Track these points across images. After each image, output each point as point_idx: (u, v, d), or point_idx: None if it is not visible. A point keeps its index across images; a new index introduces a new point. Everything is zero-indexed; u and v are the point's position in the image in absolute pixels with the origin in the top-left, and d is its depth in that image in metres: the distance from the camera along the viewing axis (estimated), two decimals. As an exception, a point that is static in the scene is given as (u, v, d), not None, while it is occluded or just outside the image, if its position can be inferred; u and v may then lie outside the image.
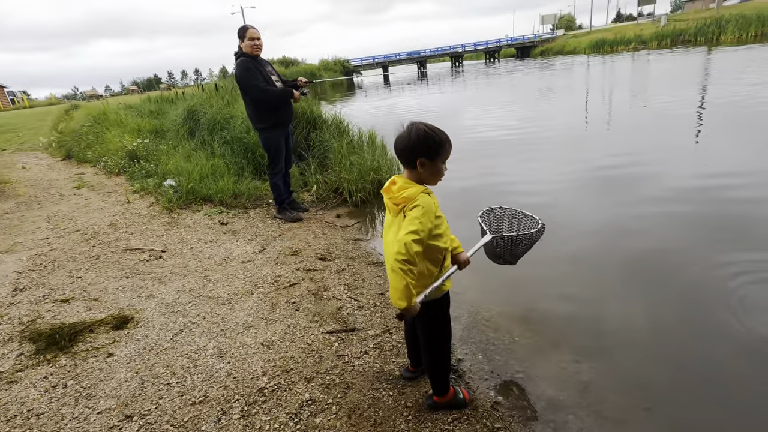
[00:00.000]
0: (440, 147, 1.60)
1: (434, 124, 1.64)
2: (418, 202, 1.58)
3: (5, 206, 5.34)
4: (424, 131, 1.60)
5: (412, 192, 1.61)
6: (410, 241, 1.53)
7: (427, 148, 1.59)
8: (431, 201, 1.60)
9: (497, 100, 13.96)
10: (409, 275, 1.54)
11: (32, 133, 15.59)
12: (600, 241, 3.65)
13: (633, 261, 3.29)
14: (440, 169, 1.63)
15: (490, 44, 52.17)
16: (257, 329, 2.63)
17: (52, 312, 2.85)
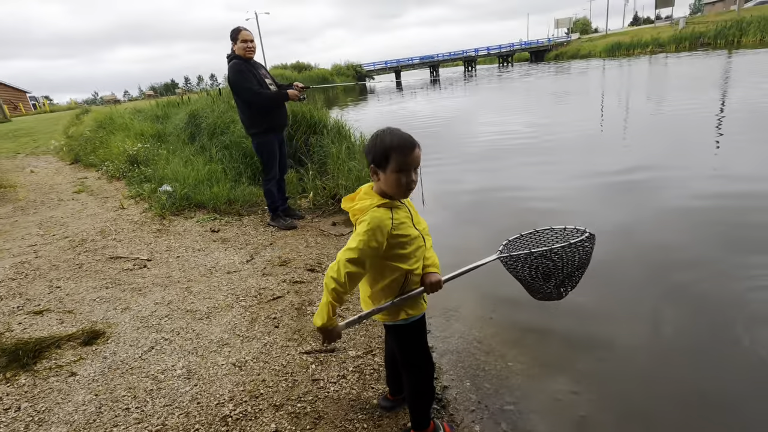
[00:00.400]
0: (385, 153, 1.38)
1: (403, 129, 1.45)
2: (366, 217, 1.40)
3: (2, 211, 5.32)
4: (373, 136, 1.43)
5: (365, 204, 1.43)
6: (344, 260, 1.38)
7: (373, 154, 1.41)
8: (384, 216, 1.40)
9: (510, 105, 13.71)
10: (332, 294, 1.39)
11: (47, 137, 15.85)
12: (612, 252, 3.41)
13: (647, 275, 3.05)
14: (395, 179, 1.39)
15: (503, 48, 51.78)
16: (232, 348, 2.46)
17: (23, 325, 2.73)
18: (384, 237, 1.39)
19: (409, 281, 1.52)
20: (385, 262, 1.46)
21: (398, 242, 1.44)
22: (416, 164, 1.42)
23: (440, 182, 5.87)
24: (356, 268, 1.37)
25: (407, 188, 1.42)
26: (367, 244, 1.37)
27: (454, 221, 4.55)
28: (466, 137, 8.82)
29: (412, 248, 1.50)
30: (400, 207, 1.48)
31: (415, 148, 1.41)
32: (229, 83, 3.96)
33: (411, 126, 10.93)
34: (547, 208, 4.43)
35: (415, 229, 1.53)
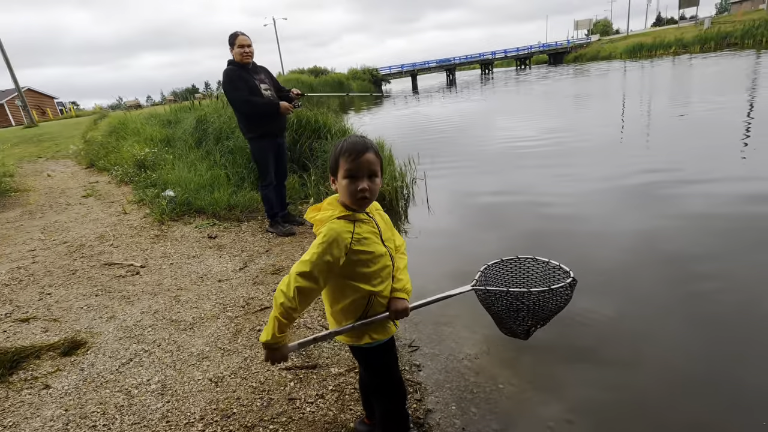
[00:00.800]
0: (336, 159, 1.31)
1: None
2: (324, 228, 1.29)
3: (10, 215, 5.39)
4: (334, 147, 1.35)
5: (324, 216, 1.32)
6: (295, 274, 1.26)
7: (330, 164, 1.35)
8: (343, 229, 1.28)
9: (527, 108, 13.39)
10: (280, 310, 1.26)
11: (68, 141, 16.26)
12: (629, 263, 3.23)
13: (666, 289, 2.85)
14: (345, 186, 1.29)
15: (521, 51, 51.17)
16: (211, 361, 2.37)
17: (7, 333, 2.70)
18: (341, 252, 1.27)
19: (373, 304, 1.39)
20: (345, 281, 1.34)
21: (359, 259, 1.32)
22: (368, 170, 1.30)
23: (453, 187, 5.73)
24: (307, 283, 1.25)
25: (358, 197, 1.29)
26: (321, 257, 1.25)
27: (464, 227, 4.43)
28: (481, 141, 8.61)
29: (377, 267, 1.37)
30: (364, 220, 1.36)
31: (366, 152, 1.29)
32: (223, 90, 3.94)
33: (424, 130, 10.76)
34: (565, 214, 4.26)
35: (383, 245, 1.41)
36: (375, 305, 1.40)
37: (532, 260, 1.53)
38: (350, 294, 1.36)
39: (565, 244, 3.65)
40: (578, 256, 3.36)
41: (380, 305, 1.41)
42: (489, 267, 1.58)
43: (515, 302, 1.40)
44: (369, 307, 1.39)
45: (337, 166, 1.30)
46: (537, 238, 3.82)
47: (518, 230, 4.10)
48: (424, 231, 4.33)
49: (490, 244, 3.84)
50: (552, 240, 3.75)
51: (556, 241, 3.72)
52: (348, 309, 1.39)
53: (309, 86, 26.11)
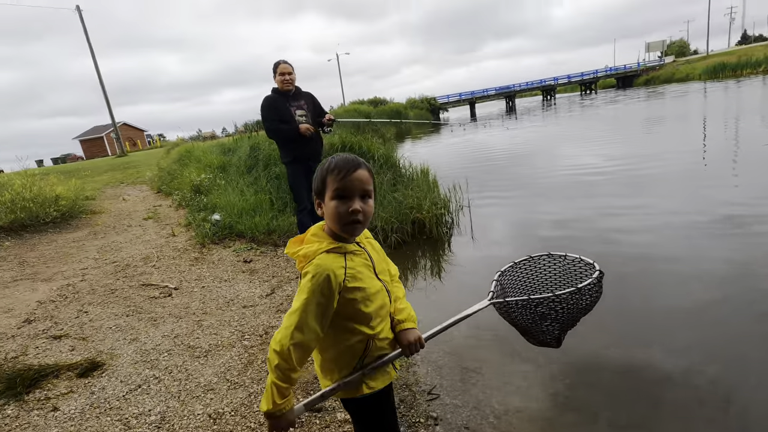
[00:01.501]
0: (323, 178, 1.12)
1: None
2: (310, 267, 1.08)
3: (78, 235, 5.84)
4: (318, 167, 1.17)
5: (310, 250, 1.12)
6: (287, 329, 1.07)
7: (316, 186, 1.16)
8: (334, 265, 1.09)
9: (593, 134, 12.33)
10: (276, 373, 1.08)
11: (148, 168, 17.94)
12: (714, 306, 2.70)
13: (762, 336, 2.31)
14: (333, 207, 1.10)
15: (585, 76, 49.20)
16: (216, 394, 2.24)
17: (39, 349, 2.78)
18: (334, 291, 1.07)
19: (371, 349, 1.18)
20: (338, 324, 1.13)
21: (354, 298, 1.12)
22: (360, 189, 1.11)
23: (504, 217, 5.29)
24: (303, 336, 1.06)
25: (349, 220, 1.10)
26: (313, 302, 1.06)
27: (511, 259, 4.00)
28: (540, 169, 7.94)
29: (374, 305, 1.16)
30: (356, 252, 1.16)
31: (358, 168, 1.11)
32: None
33: (477, 158, 10.34)
34: (638, 249, 3.66)
35: (378, 280, 1.20)
36: (373, 349, 1.19)
37: (547, 257, 1.38)
38: (344, 339, 1.16)
39: (636, 287, 3.09)
40: (654, 300, 2.85)
41: (378, 349, 1.20)
42: (503, 273, 1.44)
43: (540, 309, 1.23)
44: (367, 352, 1.18)
45: (324, 186, 1.12)
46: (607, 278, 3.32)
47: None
48: (466, 261, 4.00)
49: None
50: (620, 282, 3.14)
51: (625, 283, 3.13)
52: (341, 356, 1.18)
53: (366, 115, 26.84)
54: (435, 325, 1.34)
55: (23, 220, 5.79)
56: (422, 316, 2.97)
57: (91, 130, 51.22)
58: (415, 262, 4.18)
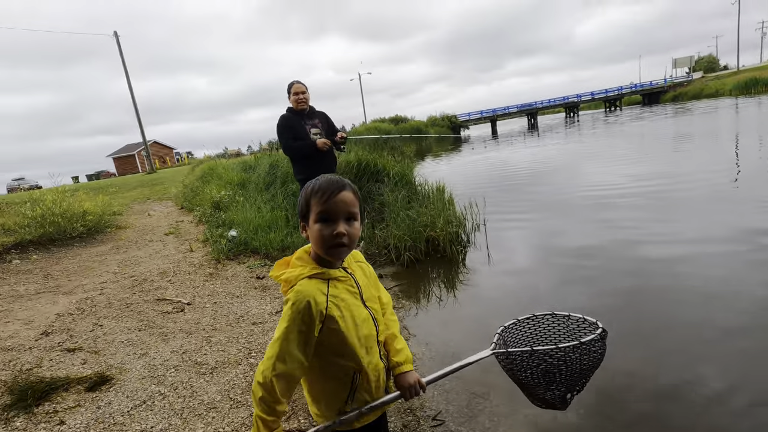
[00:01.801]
0: (307, 201, 1.11)
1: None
2: (290, 294, 1.06)
3: (101, 249, 6.02)
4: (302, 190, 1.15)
5: (292, 275, 1.09)
6: (269, 360, 1.04)
7: (300, 208, 1.14)
8: (314, 291, 1.06)
9: (619, 151, 11.87)
10: (261, 406, 1.04)
11: (174, 185, 18.51)
12: (748, 333, 2.53)
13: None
14: (317, 231, 1.07)
15: (609, 92, 48.52)
16: (217, 413, 2.22)
17: (53, 362, 2.84)
18: (315, 318, 1.04)
19: (359, 383, 1.13)
20: (321, 355, 1.09)
21: (337, 328, 1.07)
22: (345, 212, 1.08)
23: (522, 237, 5.08)
24: (286, 367, 1.03)
25: (333, 243, 1.07)
26: (294, 330, 1.03)
27: (530, 282, 3.75)
28: (561, 188, 7.65)
29: (360, 335, 1.12)
30: (340, 278, 1.12)
31: (342, 190, 1.08)
32: None
33: (497, 175, 10.14)
34: (667, 279, 3.37)
35: (364, 307, 1.16)
36: (362, 384, 1.14)
37: (551, 316, 1.36)
38: (329, 372, 1.12)
39: (663, 316, 2.85)
40: (681, 330, 2.67)
41: (367, 383, 1.15)
42: (506, 329, 1.41)
43: (542, 363, 1.22)
44: (354, 387, 1.13)
45: (308, 208, 1.10)
46: (622, 305, 3.07)
47: (598, 290, 3.35)
48: (481, 282, 3.87)
49: (562, 302, 3.22)
50: (646, 312, 2.93)
51: (652, 313, 2.90)
52: (329, 391, 1.14)
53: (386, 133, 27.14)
54: (446, 351, 1.33)
55: (51, 234, 6.02)
56: (433, 339, 2.90)
57: (124, 148, 53.49)
58: (428, 282, 4.10)
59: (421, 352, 2.78)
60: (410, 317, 3.34)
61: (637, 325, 2.79)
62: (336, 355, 1.10)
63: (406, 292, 3.87)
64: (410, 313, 3.40)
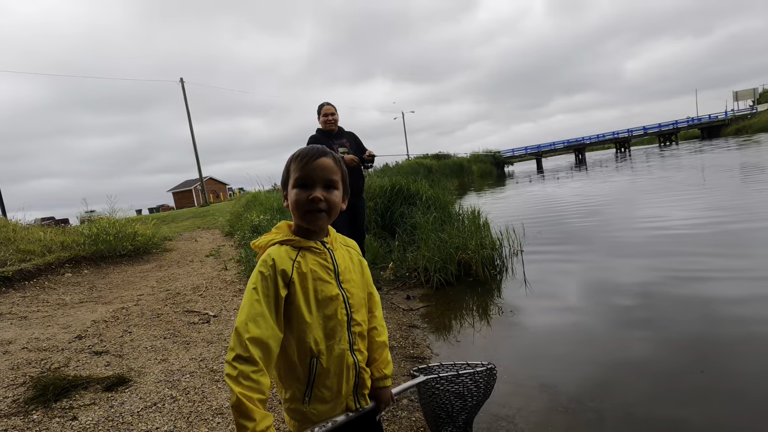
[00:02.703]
0: (288, 166, 1.08)
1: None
2: (259, 258, 1.02)
3: (146, 267, 6.31)
4: None
5: (262, 240, 1.07)
6: (242, 324, 0.93)
7: (282, 177, 1.12)
8: (282, 254, 1.00)
9: (676, 184, 10.70)
10: (238, 383, 0.89)
11: (222, 215, 19.45)
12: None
13: None
14: (294, 195, 1.04)
15: (664, 126, 46.42)
16: (222, 419, 2.14)
17: (80, 362, 2.91)
18: (280, 282, 0.97)
19: (318, 372, 1.02)
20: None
21: (296, 299, 0.99)
22: (323, 178, 1.04)
23: (574, 270, 4.53)
24: (259, 330, 0.92)
25: (309, 208, 1.02)
26: (260, 292, 0.96)
27: (570, 317, 3.26)
28: (615, 223, 6.82)
29: (323, 314, 1.02)
30: (315, 251, 1.05)
31: (321, 156, 1.05)
32: None
33: (545, 208, 9.56)
34: (738, 326, 2.78)
35: (337, 287, 1.06)
36: (321, 376, 1.02)
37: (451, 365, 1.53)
38: (288, 349, 1.01)
39: (734, 364, 2.36)
40: (756, 381, 2.15)
41: (328, 377, 1.03)
42: (419, 369, 1.52)
43: (463, 386, 1.43)
44: (312, 378, 1.02)
45: (288, 175, 1.07)
46: (692, 355, 2.50)
47: (658, 335, 2.81)
48: (514, 309, 3.46)
49: (612, 344, 2.73)
50: (715, 358, 2.43)
51: (723, 360, 2.41)
52: (287, 372, 1.04)
53: (428, 168, 27.31)
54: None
55: (103, 251, 6.41)
56: (456, 359, 2.70)
57: (182, 184, 57.41)
58: (457, 304, 3.88)
59: (442, 371, 2.59)
60: (435, 335, 3.16)
61: (717, 378, 2.23)
62: (290, 331, 1.00)
63: (433, 312, 3.69)
64: (435, 332, 3.23)
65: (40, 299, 4.60)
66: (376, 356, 1.16)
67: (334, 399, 1.04)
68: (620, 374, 2.36)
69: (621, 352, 2.61)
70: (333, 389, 1.04)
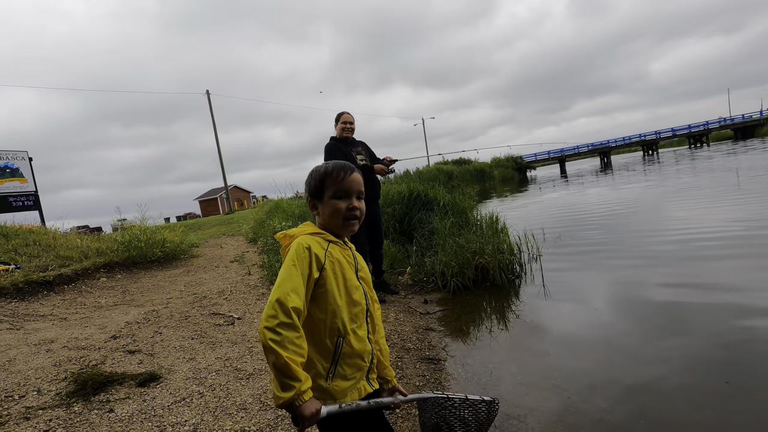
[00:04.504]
0: (321, 181, 1.22)
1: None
2: (294, 243, 1.14)
3: (174, 272, 6.58)
4: (310, 173, 1.28)
5: (296, 230, 1.22)
6: (282, 294, 1.02)
7: (310, 184, 1.26)
8: (314, 242, 1.14)
9: (711, 190, 9.82)
10: (287, 346, 0.97)
11: (246, 223, 19.92)
12: None
13: None
14: (333, 205, 1.20)
15: (694, 128, 44.88)
16: (247, 414, 2.27)
17: (115, 360, 3.11)
18: (314, 265, 1.09)
19: (342, 351, 1.14)
20: (312, 311, 1.12)
21: (327, 284, 1.12)
22: (356, 190, 1.22)
23: (601, 280, 4.35)
24: (299, 300, 1.03)
25: (348, 216, 1.20)
26: (297, 271, 1.06)
27: (591, 325, 3.19)
28: (644, 230, 6.43)
29: (349, 300, 1.16)
30: (340, 245, 1.22)
31: (354, 172, 1.23)
32: None
33: (568, 214, 9.34)
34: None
35: (357, 279, 1.22)
36: (345, 355, 1.14)
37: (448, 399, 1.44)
38: (316, 328, 1.13)
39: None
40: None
41: (350, 357, 1.15)
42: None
43: (471, 411, 1.38)
44: (338, 357, 1.13)
45: (322, 187, 1.22)
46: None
47: (676, 340, 2.74)
48: (532, 315, 3.49)
49: (640, 359, 2.57)
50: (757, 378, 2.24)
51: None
52: (313, 349, 1.13)
53: (448, 174, 27.27)
54: (483, 372, 1.68)
55: (135, 257, 6.73)
56: (471, 361, 2.74)
57: (208, 192, 58.99)
58: (474, 308, 3.92)
59: (456, 372, 2.66)
60: (451, 338, 3.22)
61: (741, 389, 2.14)
62: (321, 312, 1.12)
63: (449, 315, 3.75)
64: (451, 335, 3.28)
65: (78, 302, 4.89)
66: (385, 360, 1.31)
67: (353, 378, 1.16)
68: (636, 380, 2.35)
69: (638, 358, 2.60)
70: (353, 369, 1.16)
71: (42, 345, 3.46)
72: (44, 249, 6.69)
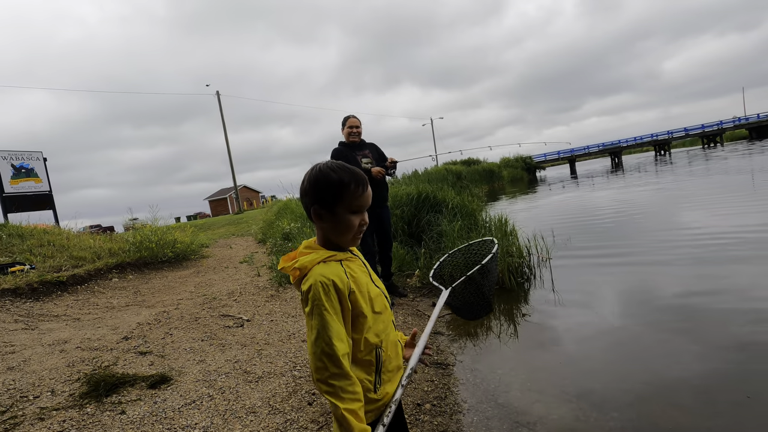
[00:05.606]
0: (338, 189, 1.11)
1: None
2: (311, 282, 1.07)
3: (185, 273, 6.65)
4: (317, 171, 1.14)
5: (305, 261, 1.11)
6: (325, 344, 1.02)
7: (319, 192, 1.12)
8: (337, 271, 1.09)
9: (723, 190, 9.73)
10: (342, 396, 1.01)
11: (255, 223, 20.04)
12: None
13: None
14: (347, 220, 1.12)
15: (707, 127, 44.16)
16: (256, 418, 2.28)
17: (127, 361, 3.15)
18: (345, 297, 1.07)
19: (384, 362, 1.16)
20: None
21: (357, 302, 1.11)
22: (369, 204, 1.17)
23: (612, 283, 4.32)
24: (346, 346, 1.05)
25: (358, 231, 1.16)
26: (332, 313, 1.04)
27: (599, 327, 3.21)
28: (656, 232, 6.33)
29: (376, 309, 1.16)
30: (351, 259, 1.17)
31: (368, 185, 1.17)
32: None
33: (579, 216, 9.23)
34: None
35: (374, 285, 1.21)
36: (386, 362, 1.17)
37: (458, 251, 1.88)
38: (355, 348, 1.12)
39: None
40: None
41: (389, 360, 1.18)
42: (435, 273, 1.85)
43: (479, 280, 1.59)
44: (380, 367, 1.15)
45: (338, 198, 1.11)
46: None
47: (693, 347, 2.68)
48: (541, 319, 3.49)
49: (653, 363, 2.58)
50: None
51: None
52: (357, 370, 1.12)
53: (457, 174, 27.17)
54: (492, 378, 1.76)
55: (146, 258, 6.81)
56: (480, 366, 2.73)
57: (218, 192, 59.51)
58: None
59: (465, 378, 2.65)
60: (459, 342, 3.21)
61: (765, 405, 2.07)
62: (357, 333, 1.11)
63: (458, 319, 3.73)
64: (460, 339, 3.27)
65: (90, 302, 4.97)
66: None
67: (394, 375, 1.19)
68: (648, 389, 2.32)
69: (651, 366, 2.56)
70: (393, 370, 1.19)
71: (56, 345, 3.52)
72: (58, 249, 6.80)
